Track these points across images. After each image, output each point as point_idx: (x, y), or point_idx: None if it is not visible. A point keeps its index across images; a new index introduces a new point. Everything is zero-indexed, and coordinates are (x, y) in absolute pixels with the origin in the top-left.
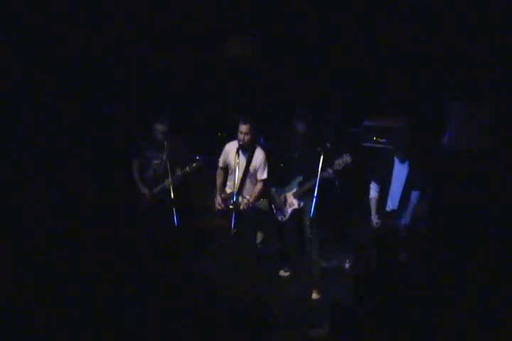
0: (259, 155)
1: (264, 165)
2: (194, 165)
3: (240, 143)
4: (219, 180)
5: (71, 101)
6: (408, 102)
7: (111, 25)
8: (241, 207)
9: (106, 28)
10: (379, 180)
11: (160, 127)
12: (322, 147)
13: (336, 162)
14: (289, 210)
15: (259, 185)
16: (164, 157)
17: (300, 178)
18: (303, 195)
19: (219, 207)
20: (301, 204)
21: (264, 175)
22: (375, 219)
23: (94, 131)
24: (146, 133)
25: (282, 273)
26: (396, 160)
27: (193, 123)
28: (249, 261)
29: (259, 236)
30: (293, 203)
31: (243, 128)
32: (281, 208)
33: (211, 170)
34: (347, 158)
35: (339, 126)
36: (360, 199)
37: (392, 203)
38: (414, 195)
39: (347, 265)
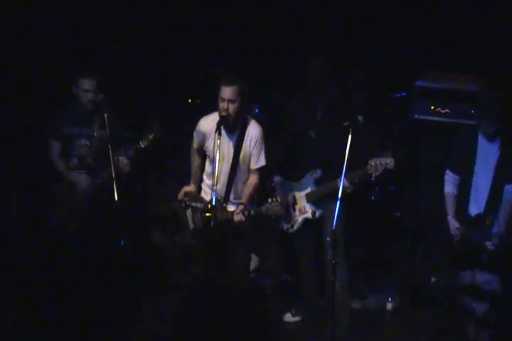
0: (253, 131)
1: (261, 146)
2: (151, 137)
3: (223, 114)
4: (195, 163)
5: None
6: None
7: None
8: (236, 219)
9: None
10: (458, 167)
11: (88, 86)
12: (351, 121)
13: (372, 163)
14: (300, 219)
15: (254, 178)
16: (95, 134)
17: (317, 174)
18: (321, 200)
19: (179, 197)
20: (318, 213)
21: (262, 161)
22: (453, 225)
23: None
24: (66, 97)
25: (289, 317)
26: (482, 140)
27: (146, 82)
28: (238, 300)
29: (253, 261)
30: (305, 209)
31: (227, 92)
32: (286, 212)
33: (179, 152)
34: (388, 161)
35: (378, 87)
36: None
37: (476, 204)
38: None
39: (389, 306)
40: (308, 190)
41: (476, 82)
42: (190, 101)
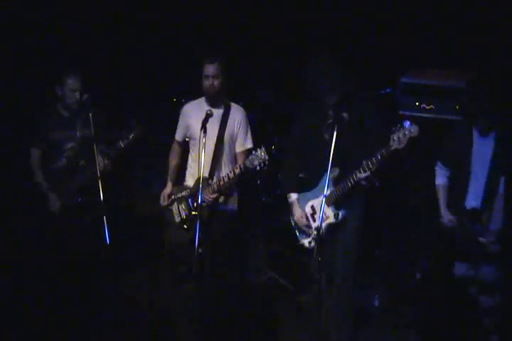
0: (237, 112)
1: (247, 128)
2: (132, 136)
3: (207, 91)
4: (173, 162)
5: None
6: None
7: None
8: (220, 184)
9: None
10: (451, 161)
11: (71, 86)
12: (336, 117)
13: (395, 137)
14: (323, 225)
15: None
16: (78, 134)
17: (336, 172)
18: (341, 200)
19: (163, 203)
20: (341, 213)
21: (249, 144)
22: (447, 217)
23: None
24: (48, 100)
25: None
26: (476, 134)
27: (131, 81)
28: (226, 300)
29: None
30: (326, 215)
31: (210, 68)
32: (304, 227)
33: (163, 151)
34: (412, 129)
35: (363, 83)
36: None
37: (473, 197)
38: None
39: (376, 303)
40: (328, 192)
41: (461, 78)
42: (175, 100)
